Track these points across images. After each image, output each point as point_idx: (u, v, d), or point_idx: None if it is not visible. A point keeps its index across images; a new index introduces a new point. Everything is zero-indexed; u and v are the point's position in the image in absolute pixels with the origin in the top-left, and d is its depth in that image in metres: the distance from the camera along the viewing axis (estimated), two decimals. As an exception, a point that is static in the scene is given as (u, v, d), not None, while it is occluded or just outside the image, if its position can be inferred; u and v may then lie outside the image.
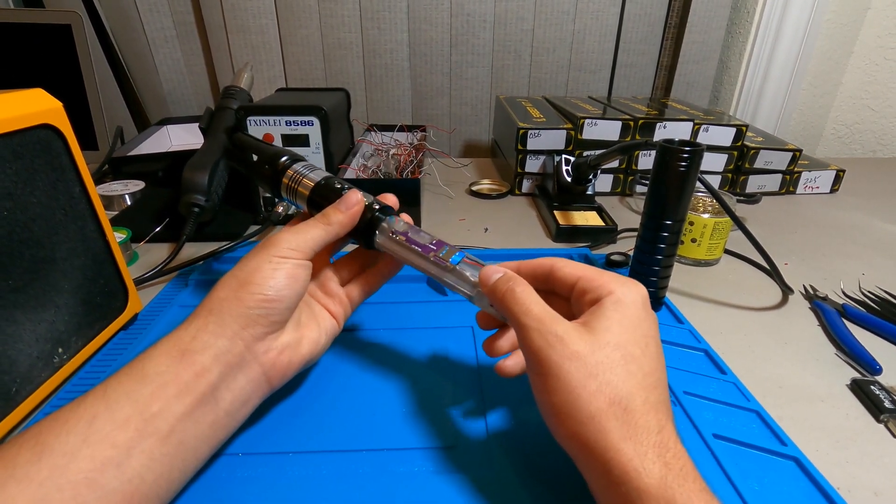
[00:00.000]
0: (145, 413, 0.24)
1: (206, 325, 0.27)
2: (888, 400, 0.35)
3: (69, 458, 0.21)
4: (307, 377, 0.36)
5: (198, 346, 0.26)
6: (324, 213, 0.32)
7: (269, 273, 0.28)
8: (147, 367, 0.25)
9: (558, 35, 0.96)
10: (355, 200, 0.33)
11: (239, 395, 0.28)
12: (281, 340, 0.30)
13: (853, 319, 0.45)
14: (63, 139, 0.34)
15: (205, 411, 0.26)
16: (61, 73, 0.76)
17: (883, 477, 0.30)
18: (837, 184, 0.78)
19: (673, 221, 0.41)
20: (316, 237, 0.31)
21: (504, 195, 0.75)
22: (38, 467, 0.21)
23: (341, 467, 0.29)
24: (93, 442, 0.22)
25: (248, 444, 0.31)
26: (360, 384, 0.36)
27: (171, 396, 0.25)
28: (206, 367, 0.26)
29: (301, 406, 0.34)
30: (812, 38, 0.96)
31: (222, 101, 0.64)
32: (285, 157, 0.35)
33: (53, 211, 0.33)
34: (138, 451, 0.23)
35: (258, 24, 0.91)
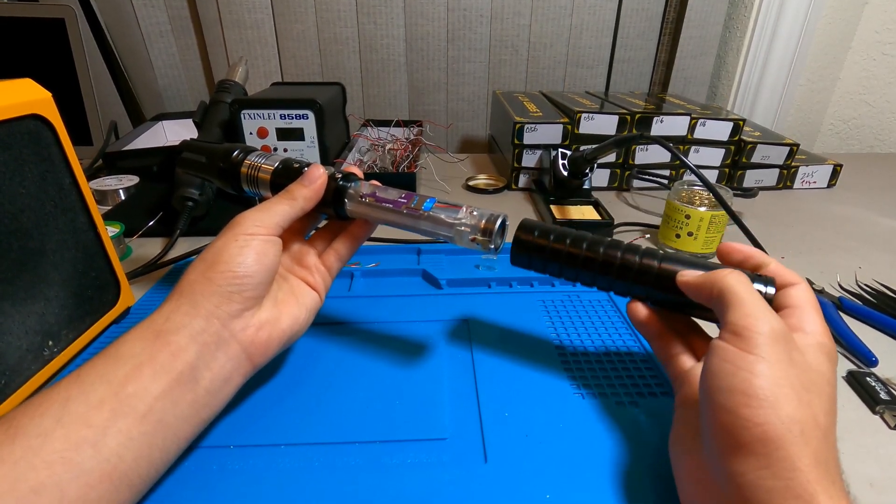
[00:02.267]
0: (120, 394, 0.24)
1: (179, 307, 0.27)
2: (884, 391, 0.35)
3: (42, 438, 0.21)
4: (300, 370, 0.36)
5: (171, 326, 0.26)
6: (287, 190, 0.32)
7: (237, 251, 0.28)
8: (121, 350, 0.25)
9: (555, 30, 0.96)
10: (318, 174, 0.32)
11: (219, 373, 0.27)
12: (258, 317, 0.29)
13: (849, 312, 0.45)
14: (52, 130, 0.34)
15: (183, 391, 0.26)
16: (55, 67, 0.76)
17: (878, 468, 0.30)
18: (834, 178, 0.78)
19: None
20: (281, 212, 0.31)
21: (500, 190, 0.75)
22: (10, 448, 0.21)
23: (334, 459, 0.29)
24: (67, 423, 0.22)
25: (239, 436, 0.30)
26: (354, 376, 0.35)
27: (146, 377, 0.24)
28: (182, 347, 0.26)
29: (293, 398, 0.33)
30: (809, 33, 0.95)
31: (216, 95, 0.64)
32: (237, 151, 0.35)
33: (43, 202, 0.33)
34: (115, 431, 0.23)
35: (254, 18, 0.91)
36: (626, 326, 0.41)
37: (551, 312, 0.43)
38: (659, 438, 0.31)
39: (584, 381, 0.35)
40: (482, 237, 0.30)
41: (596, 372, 0.36)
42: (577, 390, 0.35)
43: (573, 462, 0.29)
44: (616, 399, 0.34)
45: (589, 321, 0.42)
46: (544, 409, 0.33)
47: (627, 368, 0.37)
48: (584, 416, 0.32)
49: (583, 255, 0.32)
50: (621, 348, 0.39)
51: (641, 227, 0.62)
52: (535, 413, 0.32)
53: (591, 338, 0.40)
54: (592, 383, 0.35)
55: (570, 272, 0.33)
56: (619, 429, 0.31)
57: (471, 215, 0.30)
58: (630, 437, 0.31)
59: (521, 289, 0.47)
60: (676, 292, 0.30)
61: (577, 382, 0.35)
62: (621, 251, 0.31)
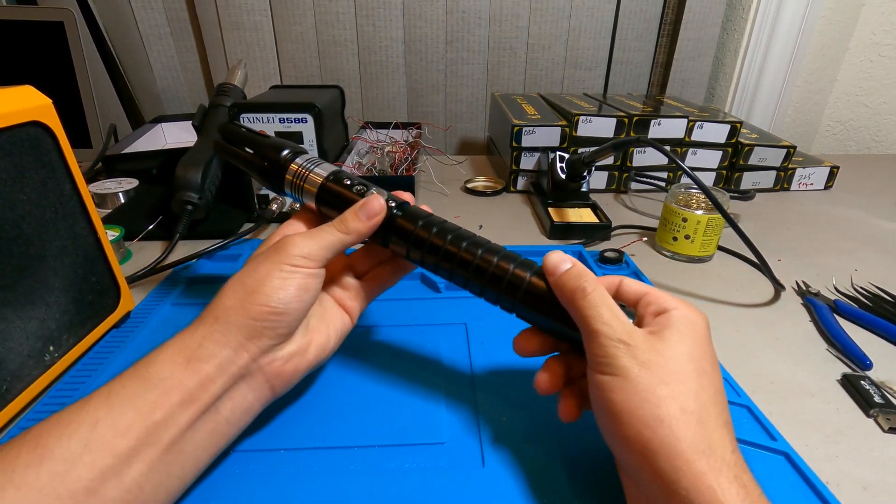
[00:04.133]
0: (148, 421, 0.23)
1: (212, 333, 0.26)
2: (878, 395, 0.35)
3: (69, 464, 0.21)
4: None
5: (203, 354, 0.26)
6: (342, 220, 0.30)
7: (279, 284, 0.27)
8: (152, 371, 0.25)
9: (554, 32, 0.96)
10: (378, 208, 0.30)
11: (240, 403, 0.27)
12: (287, 350, 0.28)
13: (845, 315, 0.45)
14: (53, 136, 0.34)
15: (205, 420, 0.25)
16: (54, 70, 0.76)
17: (872, 471, 0.30)
18: (832, 180, 0.79)
19: None
20: (331, 245, 0.29)
21: (499, 192, 0.75)
22: (37, 472, 0.20)
23: (332, 464, 0.29)
24: (94, 448, 0.22)
25: (239, 441, 0.30)
26: (352, 381, 0.36)
27: (174, 405, 0.24)
28: (211, 378, 0.25)
29: (292, 403, 0.34)
30: (807, 34, 0.96)
31: (216, 98, 0.64)
32: (287, 151, 0.33)
33: (43, 209, 0.33)
34: (138, 461, 0.22)
35: (252, 20, 0.91)
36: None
37: (549, 316, 0.43)
38: (655, 442, 0.31)
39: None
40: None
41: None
42: (574, 394, 0.35)
43: (571, 466, 0.29)
44: (613, 403, 0.34)
45: (586, 325, 0.42)
46: (542, 413, 0.33)
47: (624, 372, 0.37)
48: (582, 421, 0.32)
49: (444, 249, 0.30)
50: (618, 352, 0.39)
51: (639, 230, 0.63)
52: (532, 417, 0.33)
53: (589, 341, 0.40)
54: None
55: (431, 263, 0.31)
56: (616, 433, 0.32)
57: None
58: (626, 440, 0.31)
59: (519, 292, 0.47)
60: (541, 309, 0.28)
61: (575, 386, 0.35)
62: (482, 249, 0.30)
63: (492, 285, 0.29)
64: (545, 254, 0.29)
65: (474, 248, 0.30)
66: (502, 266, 0.29)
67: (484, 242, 0.30)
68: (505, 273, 0.29)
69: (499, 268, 0.29)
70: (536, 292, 0.28)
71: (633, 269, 0.51)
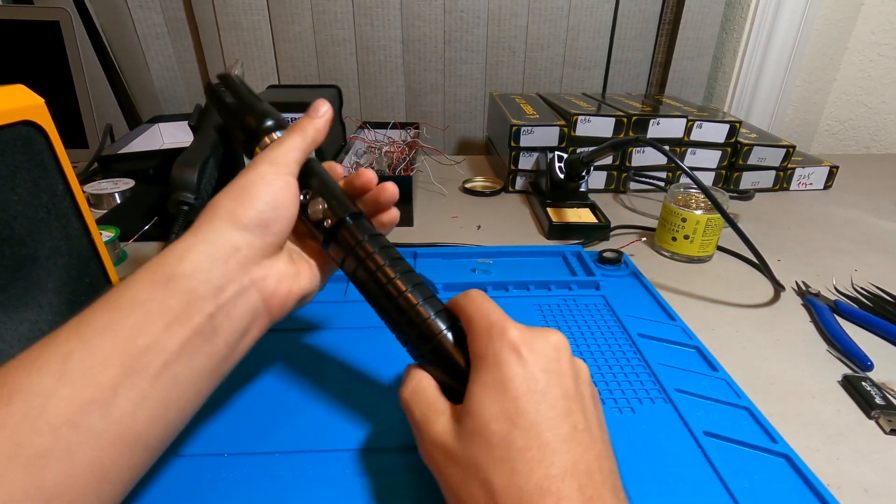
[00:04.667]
0: (130, 348, 0.21)
1: (195, 244, 0.24)
2: (879, 396, 0.35)
3: (44, 399, 0.19)
4: (295, 375, 0.36)
5: (187, 269, 0.23)
6: (296, 124, 0.31)
7: (264, 188, 0.26)
8: (126, 295, 0.22)
9: (552, 31, 0.96)
10: (324, 107, 0.32)
11: (239, 323, 0.25)
12: (278, 268, 0.27)
13: (845, 316, 0.45)
14: (45, 136, 0.34)
15: (201, 344, 0.23)
16: (50, 70, 0.75)
17: (873, 473, 0.30)
18: (831, 180, 0.78)
19: None
20: (295, 147, 0.29)
21: (497, 192, 0.75)
22: (8, 411, 0.18)
23: (328, 467, 0.29)
24: (69, 382, 0.19)
25: (232, 444, 0.30)
26: (349, 382, 0.35)
27: (159, 329, 0.22)
28: (200, 294, 0.23)
29: (287, 405, 0.33)
30: (806, 34, 0.95)
31: (212, 98, 0.64)
32: (269, 122, 0.31)
33: (35, 209, 0.33)
34: (125, 391, 0.20)
35: (250, 20, 0.90)
36: (622, 331, 0.41)
37: (547, 317, 0.43)
38: (659, 446, 0.31)
39: (579, 387, 0.35)
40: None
41: (593, 378, 0.36)
42: (572, 396, 0.34)
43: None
44: (612, 405, 0.34)
45: (585, 326, 0.42)
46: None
47: (625, 374, 0.36)
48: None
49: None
50: (618, 354, 0.39)
51: (638, 230, 0.62)
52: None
53: (588, 343, 0.40)
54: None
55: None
56: (618, 436, 0.31)
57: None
58: (629, 444, 0.31)
59: (518, 293, 0.46)
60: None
61: (573, 388, 0.35)
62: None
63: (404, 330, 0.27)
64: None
65: (402, 286, 0.27)
66: (420, 313, 0.26)
67: (413, 287, 0.27)
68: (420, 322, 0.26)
69: (417, 314, 0.26)
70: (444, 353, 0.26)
71: (632, 269, 0.51)
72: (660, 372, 0.36)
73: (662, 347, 0.40)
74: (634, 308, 0.44)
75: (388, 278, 0.27)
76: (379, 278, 0.27)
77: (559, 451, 0.21)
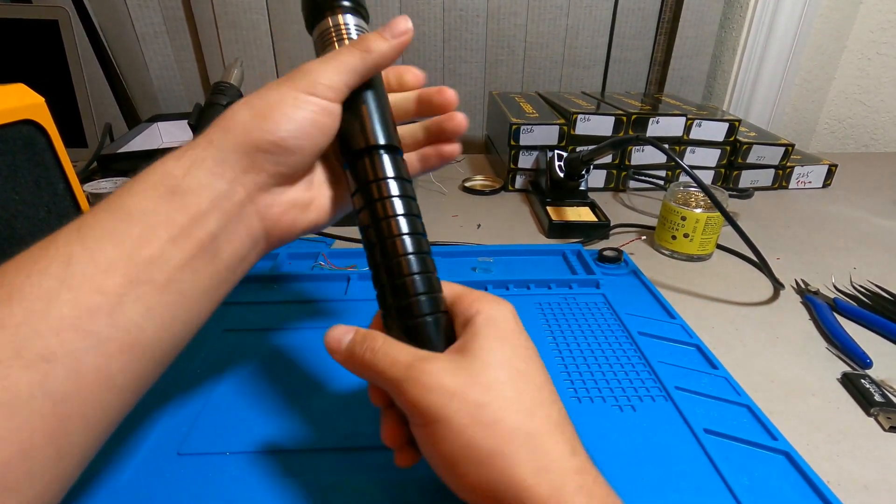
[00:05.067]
0: (135, 258, 0.20)
1: (203, 159, 0.22)
2: (878, 393, 0.35)
3: (46, 302, 0.18)
4: (294, 375, 0.36)
5: (192, 183, 0.22)
6: (361, 39, 0.25)
7: (291, 112, 0.23)
8: (129, 203, 0.21)
9: (551, 30, 0.96)
10: (405, 27, 0.26)
11: (238, 249, 0.24)
12: (288, 196, 0.25)
13: (844, 313, 0.45)
14: (46, 135, 0.34)
15: (205, 262, 0.22)
16: (49, 69, 0.75)
17: (873, 470, 0.30)
18: (830, 178, 0.78)
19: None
20: (351, 67, 0.25)
21: (497, 191, 0.75)
22: (8, 311, 0.17)
23: (326, 466, 0.29)
24: (73, 286, 0.18)
25: (233, 443, 0.30)
26: (349, 381, 0.35)
27: (165, 241, 0.21)
28: (203, 212, 0.22)
29: (286, 404, 0.33)
30: (805, 32, 0.96)
31: (212, 98, 0.63)
32: (346, 2, 0.27)
33: (36, 208, 0.33)
34: (132, 300, 0.19)
35: (249, 19, 0.90)
36: (622, 329, 0.41)
37: (548, 315, 0.43)
38: (659, 444, 0.31)
39: (581, 386, 0.35)
40: None
41: (594, 376, 0.36)
42: (575, 394, 0.35)
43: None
44: (612, 403, 0.34)
45: (586, 324, 0.42)
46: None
47: (625, 372, 0.37)
48: (583, 420, 0.32)
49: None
50: (618, 352, 0.39)
51: (638, 229, 0.62)
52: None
53: (588, 341, 0.40)
54: (590, 388, 0.35)
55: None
56: (619, 434, 0.31)
57: None
58: (629, 442, 0.31)
59: (518, 291, 0.47)
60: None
61: (575, 387, 0.35)
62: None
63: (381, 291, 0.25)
64: (324, 333, 0.25)
65: (403, 246, 0.24)
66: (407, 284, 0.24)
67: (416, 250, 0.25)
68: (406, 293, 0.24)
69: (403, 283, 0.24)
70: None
71: (632, 267, 0.51)
72: (660, 370, 0.36)
73: (662, 345, 0.40)
74: (634, 306, 0.44)
75: (391, 233, 0.24)
76: (382, 229, 0.24)
77: (558, 402, 0.22)
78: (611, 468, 0.29)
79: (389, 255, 0.24)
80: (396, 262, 0.24)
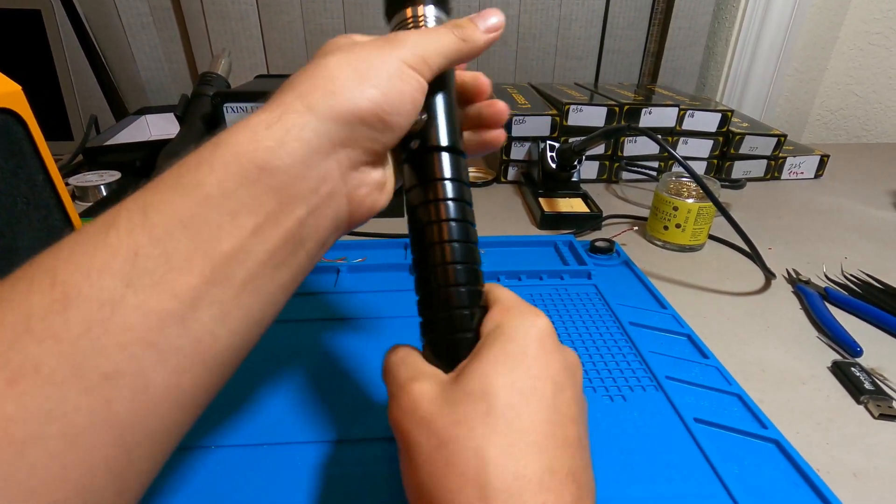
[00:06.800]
0: (212, 252, 0.17)
1: (301, 128, 0.19)
2: (868, 381, 0.35)
3: (110, 308, 0.15)
4: (285, 367, 0.35)
5: (287, 159, 0.18)
6: (457, 24, 0.23)
7: (396, 83, 0.21)
8: (207, 182, 0.17)
9: (544, 21, 0.95)
10: (498, 21, 0.24)
11: (323, 235, 0.21)
12: (373, 176, 0.23)
13: (835, 302, 0.45)
14: (23, 124, 0.33)
15: (288, 253, 0.19)
16: (32, 60, 0.74)
17: (863, 458, 0.30)
18: (822, 169, 0.79)
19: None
20: (447, 51, 0.22)
21: (489, 183, 0.74)
22: (63, 320, 0.14)
23: (319, 458, 0.29)
24: (141, 288, 0.15)
25: (224, 436, 0.30)
26: (340, 374, 0.35)
27: (248, 231, 0.17)
28: (293, 194, 0.19)
29: (278, 397, 0.33)
30: (798, 23, 0.95)
31: (198, 88, 0.63)
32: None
33: (14, 199, 0.32)
34: (207, 304, 0.17)
35: (238, 9, 0.89)
36: (613, 320, 0.41)
37: (539, 306, 0.42)
38: (650, 433, 0.31)
39: (571, 375, 0.35)
40: None
41: (585, 366, 0.36)
42: (564, 384, 0.34)
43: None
44: (603, 393, 0.34)
45: (577, 315, 0.42)
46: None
47: (616, 362, 0.36)
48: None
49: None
50: (609, 342, 0.38)
51: (630, 220, 0.62)
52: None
53: (580, 332, 0.40)
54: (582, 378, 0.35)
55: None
56: (609, 423, 0.31)
57: None
58: (620, 431, 0.31)
59: (509, 283, 0.46)
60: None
61: (565, 376, 0.35)
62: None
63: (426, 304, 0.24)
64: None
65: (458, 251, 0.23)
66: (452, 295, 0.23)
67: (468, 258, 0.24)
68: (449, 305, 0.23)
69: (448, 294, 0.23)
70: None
71: (623, 258, 0.51)
72: (651, 360, 0.36)
73: (654, 335, 0.40)
74: (626, 297, 0.44)
75: (441, 239, 0.23)
76: (432, 233, 0.23)
77: (563, 450, 0.18)
78: (601, 458, 0.29)
79: (434, 266, 0.23)
80: (428, 273, 0.23)
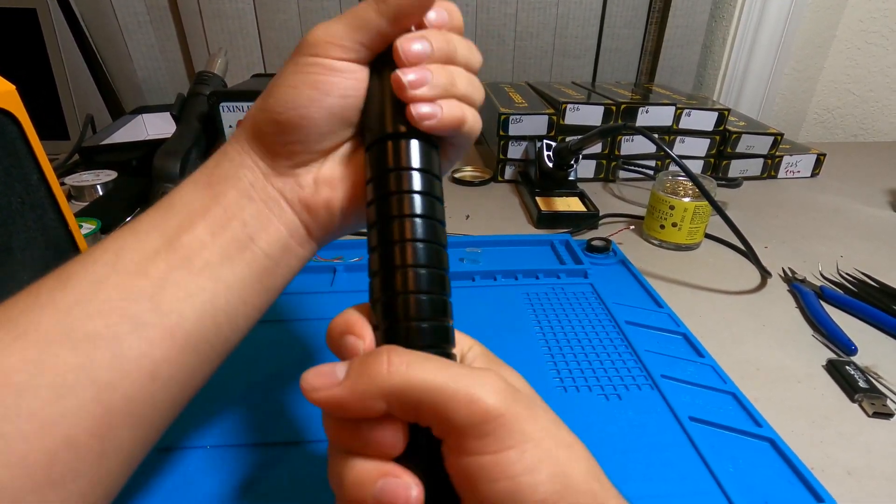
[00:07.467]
0: (174, 243, 0.21)
1: (226, 151, 0.23)
2: (863, 380, 0.35)
3: (96, 286, 0.19)
4: (280, 366, 0.35)
5: (221, 175, 0.22)
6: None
7: (290, 79, 0.21)
8: (174, 198, 0.22)
9: (542, 20, 0.95)
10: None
11: (276, 237, 0.23)
12: (311, 176, 0.23)
13: (830, 301, 0.45)
14: (17, 123, 0.33)
15: (239, 249, 0.22)
16: (28, 59, 0.73)
17: (857, 456, 0.30)
18: (818, 168, 0.79)
19: None
20: (363, 21, 0.21)
21: (486, 182, 0.74)
22: (62, 293, 0.19)
23: (313, 457, 0.29)
24: (121, 271, 0.20)
25: (215, 436, 0.30)
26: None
27: (199, 228, 0.21)
28: (231, 202, 0.22)
29: (274, 396, 0.33)
30: (795, 22, 0.95)
31: (195, 87, 0.63)
32: None
33: (9, 199, 0.32)
34: (171, 283, 0.20)
35: (235, 8, 0.89)
36: (609, 319, 0.41)
37: (535, 305, 0.43)
38: (645, 432, 0.31)
39: (568, 375, 0.35)
40: None
41: (580, 365, 0.36)
42: (561, 384, 0.34)
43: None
44: (599, 392, 0.34)
45: (573, 314, 0.42)
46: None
47: (612, 361, 0.36)
48: (569, 410, 0.32)
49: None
50: (605, 341, 0.39)
51: (627, 218, 0.62)
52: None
53: (576, 330, 0.40)
54: (577, 377, 0.35)
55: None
56: (605, 423, 0.31)
57: None
58: (615, 430, 0.31)
59: (506, 282, 0.46)
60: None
61: (562, 376, 0.35)
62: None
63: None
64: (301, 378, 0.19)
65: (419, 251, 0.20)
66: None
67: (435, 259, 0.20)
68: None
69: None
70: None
71: (620, 257, 0.51)
72: (646, 358, 0.36)
73: (649, 334, 0.40)
74: (622, 296, 0.44)
75: (402, 238, 0.19)
76: (390, 232, 0.20)
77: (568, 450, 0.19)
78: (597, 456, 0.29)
79: (391, 270, 0.20)
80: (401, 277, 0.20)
